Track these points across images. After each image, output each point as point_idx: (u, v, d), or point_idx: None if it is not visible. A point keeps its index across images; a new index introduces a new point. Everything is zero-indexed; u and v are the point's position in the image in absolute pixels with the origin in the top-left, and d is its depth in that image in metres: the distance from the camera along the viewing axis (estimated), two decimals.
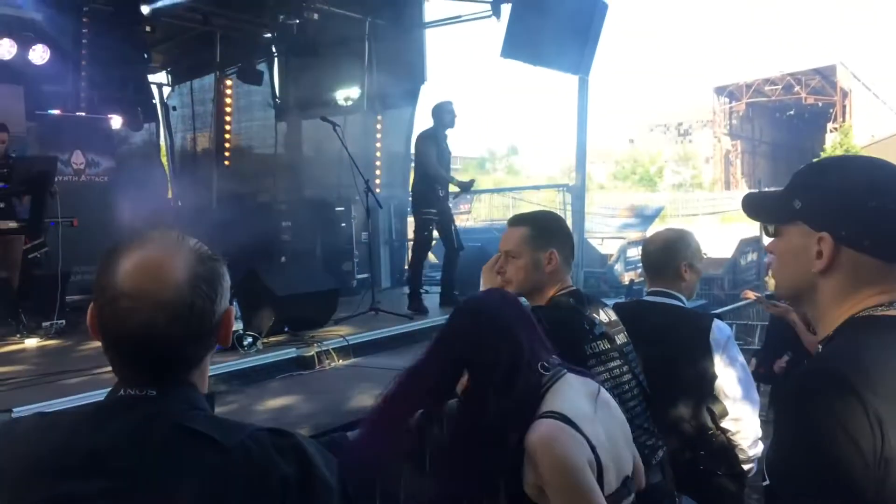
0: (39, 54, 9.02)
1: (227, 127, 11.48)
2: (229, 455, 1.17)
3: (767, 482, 1.18)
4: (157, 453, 1.16)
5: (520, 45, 8.38)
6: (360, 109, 10.38)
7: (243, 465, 1.17)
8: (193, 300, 1.22)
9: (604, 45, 9.14)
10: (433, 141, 7.73)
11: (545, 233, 2.53)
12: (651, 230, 15.70)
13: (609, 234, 20.40)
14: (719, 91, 50.76)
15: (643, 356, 2.60)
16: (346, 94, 10.17)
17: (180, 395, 1.23)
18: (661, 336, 2.76)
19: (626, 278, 12.85)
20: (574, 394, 1.88)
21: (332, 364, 6.13)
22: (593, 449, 1.78)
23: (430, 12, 10.55)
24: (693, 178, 58.37)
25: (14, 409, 4.39)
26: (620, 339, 2.51)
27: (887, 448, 1.06)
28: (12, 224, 7.27)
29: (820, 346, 1.31)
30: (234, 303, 6.31)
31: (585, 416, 1.83)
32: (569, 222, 12.79)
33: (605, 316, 2.52)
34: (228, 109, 11.50)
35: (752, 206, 1.45)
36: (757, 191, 1.80)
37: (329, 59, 10.16)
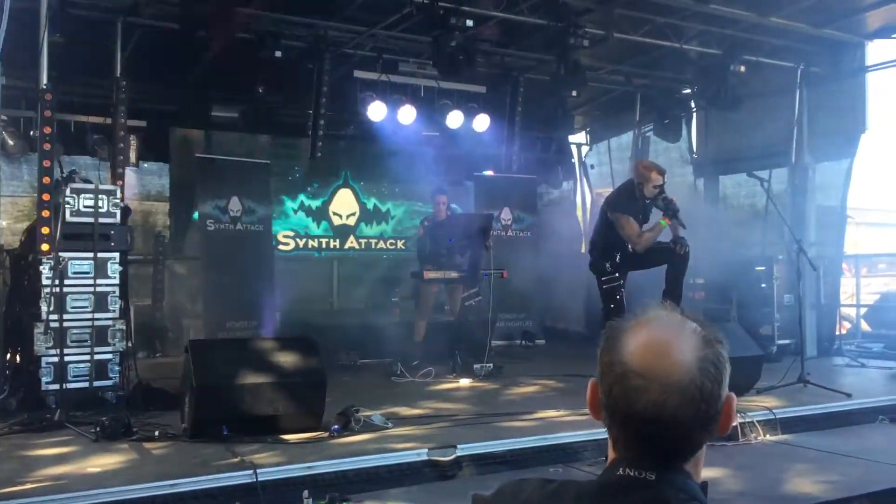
0: (481, 123, 10.07)
1: None
2: None
3: None
4: None
5: None
6: (788, 163, 9.67)
7: None
8: (703, 382, 1.18)
9: None
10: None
11: None
12: None
13: None
14: None
15: None
16: (772, 147, 9.59)
17: (677, 482, 1.19)
18: None
19: None
20: None
21: (758, 438, 5.66)
22: None
23: (873, 54, 9.50)
24: None
25: (458, 446, 4.82)
26: None
27: None
28: (454, 274, 8.15)
29: None
30: None
31: None
32: None
33: None
34: None
35: None
36: None
37: (754, 112, 9.68)
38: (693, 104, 10.92)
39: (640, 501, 1.17)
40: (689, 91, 10.86)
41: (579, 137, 13.17)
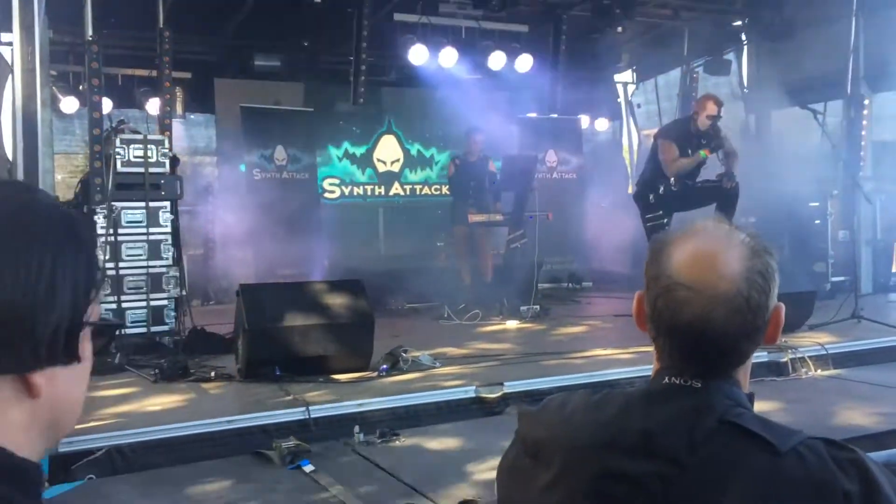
0: (524, 63, 9.91)
1: None
2: (781, 460, 1.11)
3: None
4: (706, 445, 1.14)
5: None
6: (843, 94, 9.33)
7: (797, 473, 1.10)
8: (750, 293, 1.17)
9: None
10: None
11: None
12: None
13: None
14: None
15: None
16: (826, 79, 9.24)
17: (724, 389, 1.20)
18: None
19: None
20: None
21: (809, 373, 5.61)
22: None
23: None
24: None
25: (505, 383, 4.88)
26: None
27: None
28: (498, 217, 8.14)
29: None
30: None
31: None
32: None
33: None
34: None
35: None
36: None
37: (807, 42, 9.32)
38: (744, 36, 10.56)
39: (687, 407, 1.17)
40: (739, 23, 10.50)
41: (625, 76, 12.85)
